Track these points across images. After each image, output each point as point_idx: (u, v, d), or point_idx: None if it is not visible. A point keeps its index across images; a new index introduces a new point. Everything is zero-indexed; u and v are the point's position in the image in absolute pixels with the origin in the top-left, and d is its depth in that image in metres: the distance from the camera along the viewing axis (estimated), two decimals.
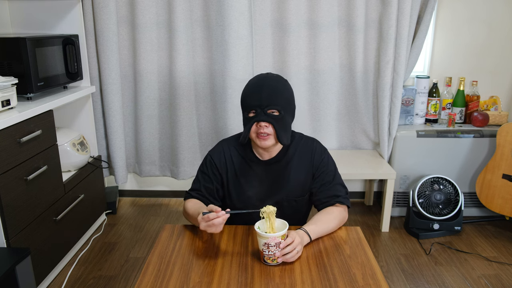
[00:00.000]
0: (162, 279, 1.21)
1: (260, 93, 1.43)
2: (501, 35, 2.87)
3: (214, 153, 1.59)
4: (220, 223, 1.26)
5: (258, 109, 1.43)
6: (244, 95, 1.48)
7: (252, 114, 1.45)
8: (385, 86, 2.74)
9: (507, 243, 2.63)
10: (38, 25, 2.59)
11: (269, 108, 1.43)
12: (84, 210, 2.54)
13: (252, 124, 1.45)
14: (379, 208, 3.12)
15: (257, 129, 1.45)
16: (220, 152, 1.59)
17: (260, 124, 1.44)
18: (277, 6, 2.72)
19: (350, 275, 1.23)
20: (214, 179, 1.57)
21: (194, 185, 1.61)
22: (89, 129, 2.76)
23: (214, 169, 1.57)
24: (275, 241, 1.23)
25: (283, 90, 1.46)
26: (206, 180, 1.58)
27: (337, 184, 1.56)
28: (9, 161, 1.83)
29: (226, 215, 1.28)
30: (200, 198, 1.57)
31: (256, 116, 1.44)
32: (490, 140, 2.77)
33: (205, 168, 1.59)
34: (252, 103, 1.44)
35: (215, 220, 1.25)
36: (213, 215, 1.26)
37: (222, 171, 1.57)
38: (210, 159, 1.58)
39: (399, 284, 2.23)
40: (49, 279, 2.24)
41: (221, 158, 1.58)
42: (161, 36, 2.80)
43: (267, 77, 1.47)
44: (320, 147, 1.60)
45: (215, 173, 1.57)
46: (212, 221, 1.26)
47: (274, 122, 1.43)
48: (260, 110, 1.43)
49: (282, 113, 1.44)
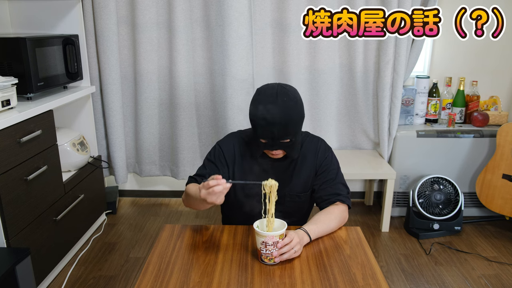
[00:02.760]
0: (162, 279, 1.21)
1: (272, 127, 1.40)
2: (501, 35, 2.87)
3: (223, 143, 1.60)
4: (220, 191, 1.22)
5: (270, 140, 1.44)
6: (255, 123, 1.44)
7: (263, 141, 1.46)
8: (385, 86, 2.74)
9: (507, 243, 2.63)
10: (38, 25, 2.58)
11: (282, 139, 1.44)
12: (84, 210, 2.54)
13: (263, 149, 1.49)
14: (379, 208, 3.12)
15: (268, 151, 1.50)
16: (229, 144, 1.60)
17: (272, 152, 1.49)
18: (277, 6, 2.72)
19: (350, 275, 1.23)
20: (221, 168, 1.57)
21: (199, 171, 1.59)
22: (89, 129, 2.76)
23: (222, 158, 1.58)
24: (272, 240, 1.24)
25: (295, 119, 1.44)
26: (213, 168, 1.57)
27: (339, 183, 1.58)
28: (9, 161, 1.83)
29: (228, 184, 1.24)
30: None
31: (268, 145, 1.46)
32: (490, 140, 2.77)
33: (213, 157, 1.59)
34: (264, 134, 1.43)
35: (216, 187, 1.21)
36: (213, 182, 1.22)
37: (230, 163, 1.58)
38: (219, 149, 1.59)
39: (399, 284, 2.23)
40: (49, 279, 2.24)
41: (230, 150, 1.59)
42: (161, 36, 2.80)
43: (278, 105, 1.40)
44: (325, 145, 1.62)
45: (222, 163, 1.58)
46: (212, 188, 1.22)
47: (285, 148, 1.47)
48: (272, 141, 1.44)
49: (293, 139, 1.46)
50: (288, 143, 1.46)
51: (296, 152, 1.52)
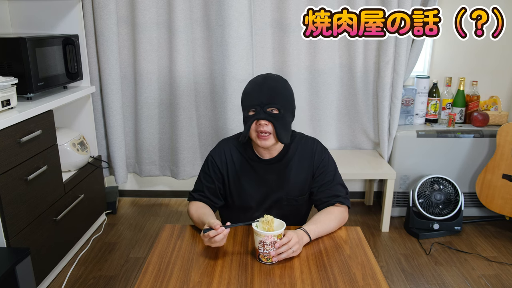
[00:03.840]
0: (162, 279, 1.21)
1: (260, 91, 1.44)
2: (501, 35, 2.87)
3: (215, 153, 1.60)
4: (221, 239, 1.28)
5: (258, 108, 1.44)
6: (244, 94, 1.49)
7: (252, 112, 1.46)
8: (385, 86, 2.74)
9: (507, 243, 2.63)
10: (38, 25, 2.58)
11: (269, 106, 1.43)
12: (84, 210, 2.54)
13: (252, 122, 1.45)
14: (379, 208, 3.12)
15: (256, 127, 1.45)
16: (221, 152, 1.59)
17: (260, 123, 1.44)
18: (277, 6, 2.72)
19: (350, 275, 1.23)
20: (216, 178, 1.58)
21: (196, 186, 1.62)
22: (89, 129, 2.76)
23: (215, 168, 1.58)
24: (270, 240, 1.24)
25: (283, 90, 1.47)
26: (208, 180, 1.58)
27: (338, 184, 1.57)
28: (9, 161, 1.83)
29: (226, 230, 1.29)
30: (203, 200, 1.58)
31: (256, 114, 1.44)
32: (490, 140, 2.77)
33: (207, 169, 1.60)
34: (252, 101, 1.45)
35: (216, 237, 1.27)
36: (213, 233, 1.27)
37: (223, 171, 1.58)
38: (211, 159, 1.59)
39: (399, 284, 2.23)
40: (49, 279, 2.24)
41: (222, 157, 1.58)
42: (161, 36, 2.80)
43: (267, 77, 1.49)
44: (321, 147, 1.60)
45: (217, 173, 1.58)
46: (214, 239, 1.27)
47: (273, 121, 1.44)
48: (260, 109, 1.44)
49: (282, 112, 1.45)
50: (277, 114, 1.44)
51: (286, 135, 1.47)
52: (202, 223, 1.41)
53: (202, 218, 1.43)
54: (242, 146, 1.58)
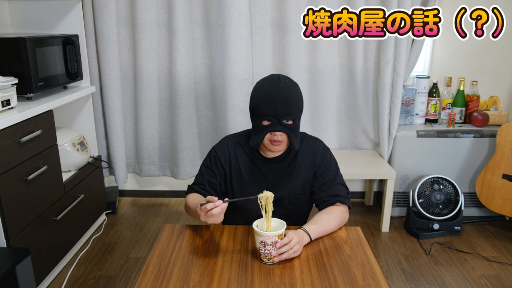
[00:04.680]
0: (162, 279, 1.21)
1: (275, 102, 1.42)
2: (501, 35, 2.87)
3: (218, 148, 1.60)
4: (218, 213, 1.26)
5: (274, 120, 1.43)
6: (257, 102, 1.46)
7: (266, 122, 1.45)
8: (385, 86, 2.74)
9: (507, 243, 2.63)
10: (38, 25, 2.58)
11: (285, 118, 1.43)
12: (84, 210, 2.54)
13: (267, 133, 1.46)
14: (379, 208, 3.12)
15: (271, 137, 1.46)
16: (225, 148, 1.59)
17: (275, 134, 1.45)
18: (277, 6, 2.72)
19: (350, 275, 1.23)
20: (218, 173, 1.57)
21: (197, 179, 1.60)
22: (89, 129, 2.76)
23: (218, 164, 1.58)
24: (271, 240, 1.24)
25: (296, 98, 1.46)
26: (210, 174, 1.58)
27: (339, 183, 1.57)
28: (9, 161, 1.83)
29: (224, 204, 1.27)
30: (202, 193, 1.57)
31: (271, 126, 1.44)
32: (490, 140, 2.77)
33: (209, 163, 1.59)
34: (267, 112, 1.43)
35: (214, 210, 1.25)
36: (210, 205, 1.26)
37: (226, 167, 1.58)
38: (214, 154, 1.59)
39: (399, 284, 2.23)
40: (49, 279, 2.24)
41: (226, 153, 1.58)
42: (161, 36, 2.80)
43: (280, 84, 1.44)
44: (323, 146, 1.61)
45: (219, 168, 1.58)
46: (210, 212, 1.26)
47: (288, 131, 1.45)
48: (276, 121, 1.43)
49: (296, 122, 1.46)
50: (291, 125, 1.45)
51: (297, 142, 1.50)
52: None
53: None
54: (246, 144, 1.58)
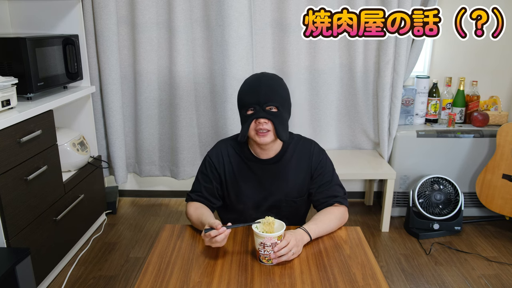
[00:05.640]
0: (162, 279, 1.21)
1: (258, 90, 1.44)
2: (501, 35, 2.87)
3: (212, 153, 1.61)
4: (222, 239, 1.28)
5: (257, 106, 1.44)
6: (241, 94, 1.49)
7: (250, 111, 1.46)
8: (385, 86, 2.74)
9: (507, 243, 2.63)
10: (38, 25, 2.58)
11: (268, 105, 1.44)
12: (84, 210, 2.54)
13: (251, 121, 1.45)
14: (379, 208, 3.12)
15: (256, 125, 1.46)
16: (218, 152, 1.60)
17: (259, 121, 1.44)
18: (277, 6, 2.72)
19: (350, 275, 1.23)
20: (213, 178, 1.58)
21: (194, 187, 1.62)
22: (89, 129, 2.76)
23: (213, 169, 1.58)
24: (271, 242, 1.24)
25: (279, 88, 1.48)
26: (206, 180, 1.59)
27: (336, 185, 1.58)
28: (9, 161, 1.83)
29: (228, 231, 1.29)
30: (201, 200, 1.58)
31: (254, 113, 1.45)
32: (490, 140, 2.77)
33: (204, 169, 1.60)
34: (250, 100, 1.45)
35: (217, 237, 1.28)
36: (214, 233, 1.27)
37: (221, 171, 1.58)
38: (208, 160, 1.60)
39: (399, 284, 2.23)
40: (49, 279, 2.24)
41: (219, 158, 1.59)
42: (161, 36, 2.80)
43: (263, 76, 1.49)
44: (318, 148, 1.60)
45: (214, 173, 1.58)
46: (214, 239, 1.28)
47: (273, 119, 1.44)
48: (259, 107, 1.44)
49: (280, 110, 1.46)
50: (275, 112, 1.45)
51: (285, 132, 1.48)
52: (201, 223, 1.41)
53: (201, 219, 1.43)
54: (239, 146, 1.59)
